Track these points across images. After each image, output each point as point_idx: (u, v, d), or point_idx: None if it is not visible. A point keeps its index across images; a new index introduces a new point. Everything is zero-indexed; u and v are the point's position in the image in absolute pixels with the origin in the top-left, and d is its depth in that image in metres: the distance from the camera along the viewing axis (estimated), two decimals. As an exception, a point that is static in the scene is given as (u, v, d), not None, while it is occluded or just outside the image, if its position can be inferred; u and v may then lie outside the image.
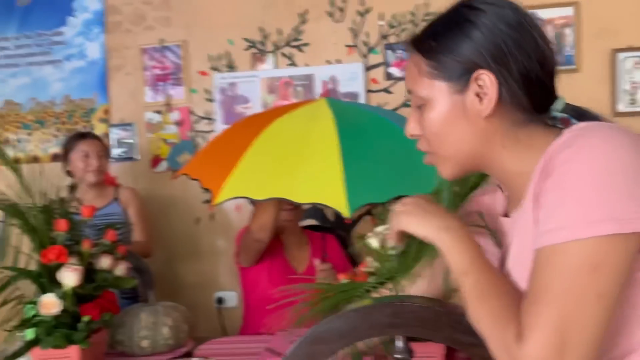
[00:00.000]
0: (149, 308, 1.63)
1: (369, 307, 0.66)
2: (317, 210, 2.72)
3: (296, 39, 2.75)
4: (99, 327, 1.47)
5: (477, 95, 0.73)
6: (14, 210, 1.40)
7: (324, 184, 1.53)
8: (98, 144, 2.41)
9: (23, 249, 1.44)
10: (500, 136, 0.74)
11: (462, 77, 0.73)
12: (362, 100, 2.69)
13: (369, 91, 2.71)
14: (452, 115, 0.75)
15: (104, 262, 1.53)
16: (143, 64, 2.86)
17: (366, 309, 0.66)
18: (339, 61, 2.73)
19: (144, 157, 2.88)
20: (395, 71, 2.69)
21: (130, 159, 2.88)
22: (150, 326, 1.58)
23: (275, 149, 1.66)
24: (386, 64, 2.70)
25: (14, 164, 1.45)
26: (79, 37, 2.92)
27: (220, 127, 2.77)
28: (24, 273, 1.39)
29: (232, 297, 2.81)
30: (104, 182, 2.51)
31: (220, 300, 2.80)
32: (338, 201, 1.46)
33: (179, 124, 2.84)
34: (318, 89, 2.72)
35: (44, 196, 1.51)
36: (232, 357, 1.52)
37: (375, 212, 2.70)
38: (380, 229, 1.21)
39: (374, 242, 1.17)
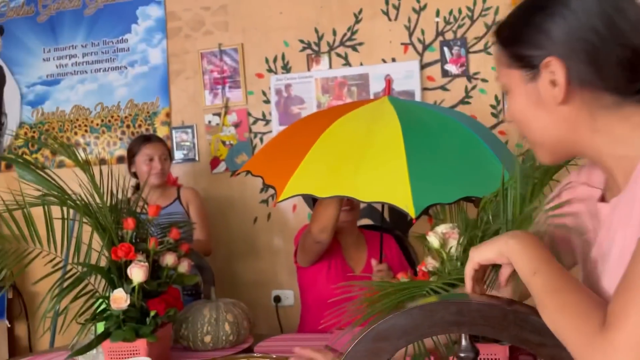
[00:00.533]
0: (211, 304, 1.68)
1: (433, 305, 0.65)
2: (373, 210, 2.71)
3: (351, 39, 2.76)
4: (165, 322, 1.53)
5: (551, 82, 0.73)
6: (86, 209, 1.47)
7: (389, 183, 1.51)
8: (161, 146, 2.50)
9: (94, 246, 1.52)
10: (587, 121, 0.73)
11: (533, 65, 0.74)
12: (417, 98, 2.66)
13: (425, 89, 2.67)
14: (530, 102, 0.76)
15: (169, 259, 1.58)
16: (202, 68, 2.94)
17: (430, 306, 0.65)
18: (394, 59, 2.71)
19: (204, 158, 2.96)
20: (452, 68, 2.64)
21: (190, 160, 2.97)
22: (212, 322, 1.63)
23: (338, 147, 1.65)
24: (442, 61, 2.65)
25: (86, 165, 1.53)
26: (142, 44, 3.04)
27: (276, 128, 2.81)
28: (95, 269, 1.46)
29: (289, 296, 2.84)
30: (167, 182, 2.60)
31: (277, 299, 2.84)
32: (404, 200, 1.43)
33: (236, 125, 2.90)
34: (373, 88, 2.71)
35: (112, 196, 1.58)
36: (292, 355, 1.54)
37: (432, 211, 2.66)
38: (440, 228, 1.20)
39: (434, 242, 1.16)
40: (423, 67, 2.68)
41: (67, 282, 1.44)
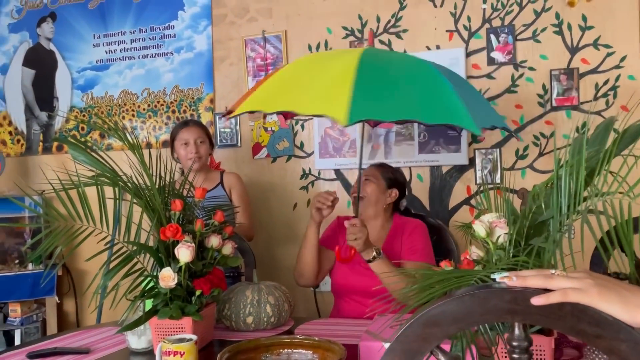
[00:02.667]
0: (253, 286, 1.71)
1: (487, 292, 0.65)
2: (415, 199, 2.70)
3: (395, 26, 2.73)
4: (209, 301, 1.57)
5: None
6: (137, 191, 1.52)
7: (330, 97, 1.50)
8: (197, 130, 2.49)
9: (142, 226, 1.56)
10: None
11: None
12: (462, 86, 2.61)
13: (470, 77, 2.62)
14: None
15: (214, 241, 1.62)
16: (246, 55, 2.97)
17: (484, 294, 0.65)
18: (438, 47, 2.67)
19: (246, 144, 3.00)
20: (498, 56, 2.58)
21: (232, 146, 3.02)
22: (254, 304, 1.66)
23: (295, 73, 1.71)
24: (489, 48, 2.60)
25: (138, 148, 1.58)
26: (188, 30, 3.09)
27: (318, 115, 2.82)
28: (145, 248, 1.51)
29: (326, 281, 2.85)
30: (211, 166, 2.64)
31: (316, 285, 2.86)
32: (339, 112, 1.42)
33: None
34: (416, 75, 2.67)
35: (160, 179, 1.63)
36: (332, 339, 1.56)
37: (474, 201, 2.63)
38: (486, 217, 1.18)
39: (481, 230, 1.15)
40: (468, 54, 2.63)
41: (118, 260, 1.49)
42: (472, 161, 2.63)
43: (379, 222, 2.02)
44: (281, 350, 1.26)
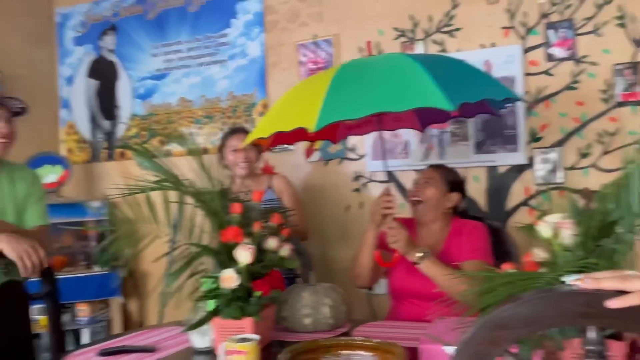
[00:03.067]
0: (310, 288, 1.73)
1: (559, 294, 0.63)
2: (471, 202, 2.65)
3: (447, 24, 2.69)
4: (268, 302, 1.60)
5: None
6: (198, 194, 1.57)
7: (303, 110, 1.65)
8: (245, 137, 2.57)
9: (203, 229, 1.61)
10: None
11: None
12: (519, 84, 2.55)
13: (528, 74, 2.55)
14: None
15: (271, 243, 1.65)
16: (298, 59, 3.01)
17: (556, 296, 0.63)
18: (493, 44, 2.61)
19: (299, 148, 3.04)
20: (557, 51, 2.50)
21: (285, 149, 3.06)
22: (312, 305, 1.68)
23: (286, 99, 1.87)
24: (547, 44, 2.52)
25: (197, 153, 1.63)
26: (242, 38, 3.16)
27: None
28: (207, 250, 1.56)
29: (381, 284, 2.84)
30: (262, 170, 2.70)
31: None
32: (309, 121, 1.55)
33: (330, 115, 2.94)
34: (471, 74, 2.62)
35: (218, 183, 1.68)
36: (392, 341, 1.55)
37: (532, 202, 2.55)
38: (551, 218, 1.15)
39: (546, 231, 1.12)
40: (526, 51, 2.56)
41: (182, 262, 1.54)
42: (530, 161, 2.56)
43: (438, 225, 1.97)
44: (340, 351, 1.27)
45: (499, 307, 0.70)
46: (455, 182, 2.00)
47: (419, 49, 2.74)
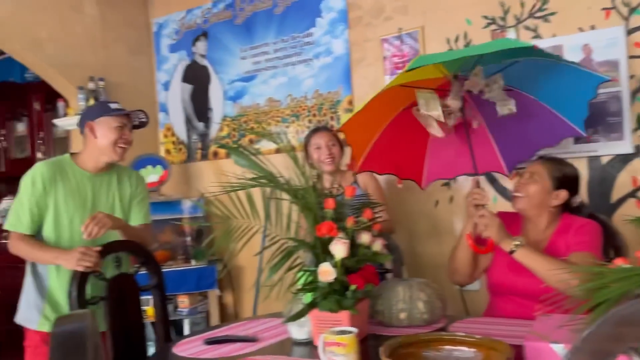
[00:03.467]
0: (404, 283, 1.72)
1: (694, 289, 0.59)
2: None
3: (541, 9, 2.56)
4: (363, 296, 1.61)
5: None
6: (294, 191, 1.62)
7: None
8: (327, 135, 2.63)
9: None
10: None
11: None
12: (623, 68, 2.38)
13: (632, 57, 2.38)
14: None
15: (364, 238, 1.67)
16: (382, 54, 3.00)
17: (690, 291, 0.59)
18: (592, 27, 2.46)
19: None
20: (667, 31, 2.31)
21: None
22: (406, 300, 1.67)
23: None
24: (655, 23, 2.33)
25: (292, 151, 1.68)
26: (326, 36, 3.20)
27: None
28: (303, 244, 1.60)
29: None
30: (348, 166, 2.73)
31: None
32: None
33: (417, 109, 2.90)
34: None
35: (310, 179, 1.71)
36: (493, 337, 1.52)
37: (641, 194, 2.37)
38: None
39: (665, 224, 1.04)
40: (629, 32, 2.38)
41: (279, 256, 1.59)
42: (637, 150, 2.38)
43: (544, 222, 1.85)
44: (441, 346, 1.26)
45: (620, 303, 0.67)
46: (563, 179, 1.84)
47: (511, 36, 2.63)
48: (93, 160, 2.11)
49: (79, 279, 1.87)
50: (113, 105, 2.12)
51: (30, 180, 2.02)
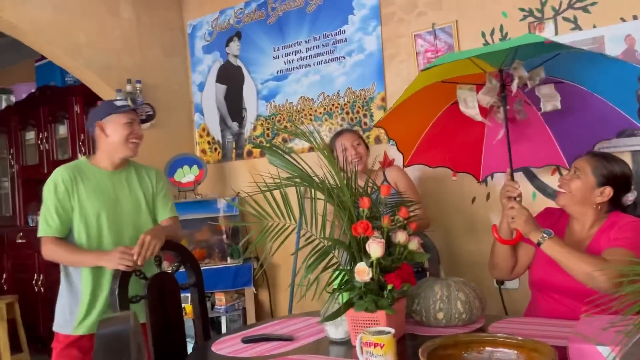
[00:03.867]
0: (441, 282, 1.70)
1: None
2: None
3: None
4: (399, 296, 1.60)
5: None
6: (329, 190, 1.62)
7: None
8: (351, 135, 2.62)
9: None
10: None
11: None
12: (669, 58, 2.28)
13: (679, 47, 2.28)
14: None
15: (400, 236, 1.65)
16: (416, 50, 2.96)
17: None
18: (635, 17, 2.37)
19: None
20: None
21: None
22: (444, 299, 1.65)
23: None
24: None
25: (326, 150, 1.68)
26: (358, 33, 3.19)
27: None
28: (339, 243, 1.60)
29: (514, 280, 2.73)
30: (381, 163, 2.71)
31: (500, 281, 2.75)
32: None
33: (452, 104, 2.86)
34: (610, 51, 2.40)
35: (345, 178, 1.71)
36: (536, 339, 1.48)
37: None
38: None
39: None
40: (676, 21, 2.29)
41: (315, 255, 1.59)
42: (686, 143, 2.28)
43: (589, 220, 1.79)
44: (482, 348, 1.24)
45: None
46: (608, 176, 1.77)
47: (549, 28, 2.56)
48: (108, 159, 2.16)
49: (121, 278, 1.92)
50: (119, 103, 2.17)
51: (53, 185, 2.09)
